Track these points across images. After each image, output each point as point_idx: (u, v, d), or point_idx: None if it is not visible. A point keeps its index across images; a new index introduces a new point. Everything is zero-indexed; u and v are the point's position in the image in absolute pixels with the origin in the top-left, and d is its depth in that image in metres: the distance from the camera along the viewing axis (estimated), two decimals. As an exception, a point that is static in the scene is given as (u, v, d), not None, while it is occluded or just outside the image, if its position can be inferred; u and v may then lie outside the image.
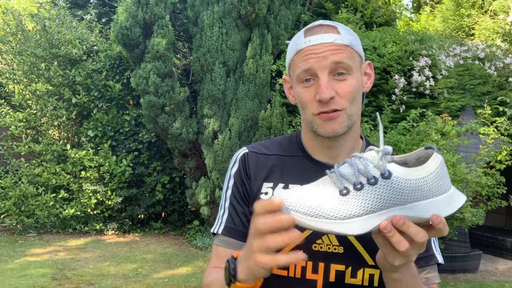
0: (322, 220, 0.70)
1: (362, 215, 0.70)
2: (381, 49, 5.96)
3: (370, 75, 1.02)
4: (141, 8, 6.15)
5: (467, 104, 6.19)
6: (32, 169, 7.12)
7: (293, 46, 0.98)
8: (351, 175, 0.72)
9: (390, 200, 0.71)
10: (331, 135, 0.95)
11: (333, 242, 0.97)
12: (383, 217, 0.71)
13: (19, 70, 7.60)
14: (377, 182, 0.70)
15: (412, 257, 0.75)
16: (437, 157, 0.73)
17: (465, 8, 9.74)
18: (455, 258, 5.52)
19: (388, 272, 0.82)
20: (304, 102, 0.96)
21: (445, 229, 0.72)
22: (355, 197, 0.71)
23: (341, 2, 7.49)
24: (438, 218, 0.70)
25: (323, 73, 0.92)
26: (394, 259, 0.75)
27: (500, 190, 4.82)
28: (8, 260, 5.55)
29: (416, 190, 0.71)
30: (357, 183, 0.71)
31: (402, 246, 0.71)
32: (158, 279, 4.94)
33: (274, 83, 6.29)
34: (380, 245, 0.77)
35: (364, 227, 0.71)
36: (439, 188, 0.72)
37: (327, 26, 0.96)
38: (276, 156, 1.06)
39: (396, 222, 0.70)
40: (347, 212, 0.70)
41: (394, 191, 0.70)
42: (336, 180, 0.73)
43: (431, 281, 0.98)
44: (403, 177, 0.71)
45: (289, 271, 0.98)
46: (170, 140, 6.46)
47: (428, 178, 0.71)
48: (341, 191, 0.72)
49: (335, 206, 0.71)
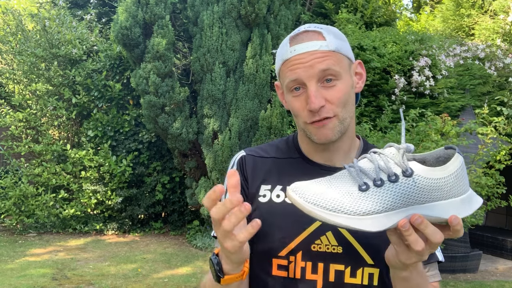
0: (341, 215, 0.70)
1: (381, 212, 0.70)
2: (381, 49, 5.96)
3: (361, 74, 1.02)
4: (141, 8, 6.15)
5: (467, 104, 6.19)
6: (32, 169, 7.12)
7: (280, 55, 0.98)
8: (371, 170, 0.72)
9: (410, 199, 0.70)
10: (324, 142, 0.95)
11: (331, 242, 0.97)
12: (401, 215, 0.70)
13: (19, 70, 7.60)
14: (398, 179, 0.70)
15: (424, 257, 0.75)
16: (458, 157, 0.72)
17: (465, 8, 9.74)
18: (455, 258, 5.52)
19: (397, 270, 0.82)
20: (296, 111, 0.96)
21: (462, 230, 0.72)
22: (375, 193, 0.70)
23: (341, 2, 7.49)
24: (456, 219, 0.70)
25: (311, 82, 0.92)
26: (408, 257, 0.75)
27: (500, 190, 4.82)
28: (8, 260, 5.56)
29: (437, 189, 0.70)
30: (378, 179, 0.70)
31: (418, 246, 0.71)
32: (158, 279, 4.94)
33: (274, 83, 6.29)
34: (394, 243, 0.76)
35: (383, 224, 0.70)
36: (459, 189, 0.72)
37: (312, 32, 0.95)
38: (274, 159, 1.06)
39: (415, 221, 0.70)
40: (366, 208, 0.70)
41: (415, 189, 0.70)
42: (356, 175, 0.72)
43: (432, 278, 0.98)
44: (424, 175, 0.70)
45: (289, 272, 0.98)
46: (170, 140, 6.46)
47: (449, 178, 0.71)
48: (360, 186, 0.71)
49: (354, 202, 0.70)
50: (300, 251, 0.97)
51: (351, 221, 0.70)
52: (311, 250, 0.97)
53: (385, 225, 0.70)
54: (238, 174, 0.75)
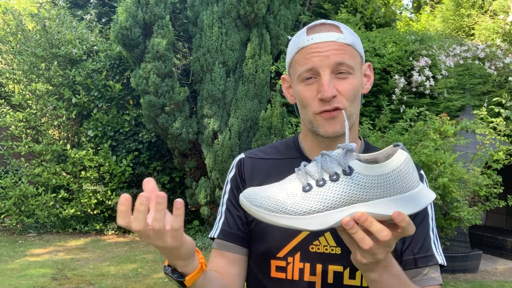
0: (283, 215, 0.71)
1: (322, 210, 0.70)
2: (381, 49, 5.96)
3: (369, 77, 1.02)
4: (141, 8, 6.15)
5: (467, 104, 6.19)
6: (32, 169, 7.12)
7: (295, 44, 0.97)
8: (315, 172, 0.73)
9: (352, 197, 0.70)
10: (331, 135, 0.94)
11: (330, 243, 0.96)
12: (345, 213, 0.71)
13: (19, 70, 7.60)
14: (339, 178, 0.71)
15: (379, 256, 0.73)
16: (401, 154, 0.72)
17: (465, 8, 9.74)
18: (455, 258, 5.52)
19: (364, 272, 0.80)
20: (305, 101, 0.95)
21: (410, 228, 0.70)
22: (317, 193, 0.71)
23: (340, 2, 7.49)
24: (400, 216, 0.69)
25: (325, 72, 0.91)
26: (361, 257, 0.74)
27: (497, 190, 4.82)
28: (8, 260, 5.56)
29: (378, 186, 0.70)
30: (320, 179, 0.72)
31: (365, 244, 0.70)
32: (158, 279, 4.95)
33: (274, 83, 6.29)
34: (347, 242, 0.76)
35: (324, 222, 0.71)
36: (404, 185, 0.71)
37: (329, 25, 0.96)
38: (273, 160, 1.06)
39: (358, 218, 0.69)
40: (308, 207, 0.71)
41: (356, 187, 0.70)
42: (301, 177, 0.74)
43: (431, 282, 0.95)
44: (364, 173, 0.70)
45: (287, 274, 0.97)
46: (170, 140, 6.46)
47: (391, 174, 0.70)
48: (304, 187, 0.72)
49: (297, 202, 0.71)
50: (298, 252, 0.96)
51: (292, 221, 0.71)
52: (309, 251, 0.96)
53: (327, 223, 0.71)
54: (152, 180, 0.73)
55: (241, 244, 1.02)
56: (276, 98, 5.94)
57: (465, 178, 4.51)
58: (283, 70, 6.16)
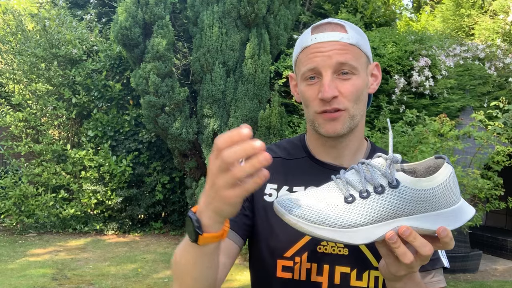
0: (326, 227, 0.68)
1: (367, 224, 0.68)
2: (381, 49, 5.96)
3: (377, 76, 1.01)
4: (141, 8, 6.15)
5: (466, 104, 6.19)
6: (32, 169, 7.12)
7: (300, 43, 0.97)
8: (357, 182, 0.70)
9: (397, 210, 0.68)
10: (332, 135, 0.94)
11: (338, 244, 0.95)
12: (388, 227, 0.69)
13: (19, 70, 7.61)
14: (384, 191, 0.68)
15: (415, 269, 0.73)
16: (447, 167, 0.70)
17: (465, 8, 9.73)
18: (455, 258, 5.52)
19: (391, 281, 0.80)
20: (307, 100, 0.95)
21: (451, 243, 0.70)
22: (361, 205, 0.69)
23: (340, 2, 7.48)
24: (445, 231, 0.68)
25: (327, 72, 0.91)
26: (398, 270, 0.73)
27: (498, 192, 4.80)
28: (8, 260, 5.56)
29: (424, 201, 0.68)
30: (364, 191, 0.69)
31: (407, 259, 0.69)
32: (158, 279, 4.95)
33: (273, 83, 6.29)
34: (383, 255, 0.74)
35: (368, 237, 0.69)
36: (448, 200, 0.70)
37: (335, 24, 0.95)
38: (281, 159, 1.04)
39: (403, 233, 0.68)
40: (351, 220, 0.68)
41: (401, 201, 0.68)
42: (342, 187, 0.71)
43: (437, 285, 0.96)
44: (411, 187, 0.68)
45: (294, 274, 0.96)
46: (170, 140, 6.47)
47: (437, 189, 0.69)
48: (346, 198, 0.70)
49: (340, 214, 0.69)
50: (306, 252, 0.95)
51: (336, 234, 0.68)
52: (317, 251, 0.95)
53: (371, 238, 0.69)
54: None
55: (238, 232, 0.99)
56: (275, 98, 5.94)
57: (464, 183, 4.47)
58: (283, 70, 6.16)
